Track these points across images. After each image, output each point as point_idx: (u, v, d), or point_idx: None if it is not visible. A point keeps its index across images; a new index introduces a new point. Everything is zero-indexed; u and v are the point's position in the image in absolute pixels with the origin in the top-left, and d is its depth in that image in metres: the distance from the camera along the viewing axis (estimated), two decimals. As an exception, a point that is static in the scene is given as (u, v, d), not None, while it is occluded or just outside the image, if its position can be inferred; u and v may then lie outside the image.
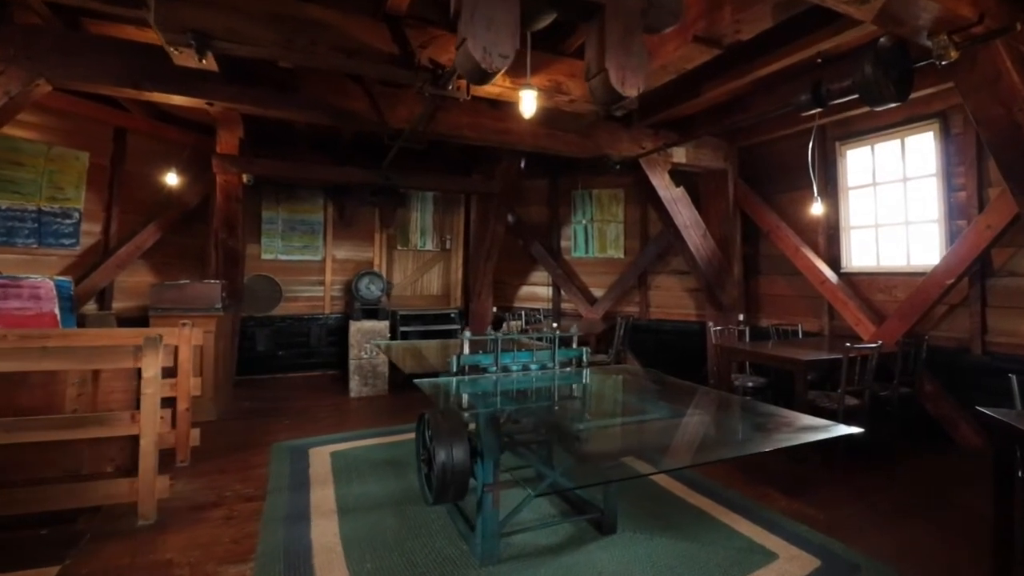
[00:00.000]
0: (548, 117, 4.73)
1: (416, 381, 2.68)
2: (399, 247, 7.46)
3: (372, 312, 6.03)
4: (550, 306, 7.60)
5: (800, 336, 5.26)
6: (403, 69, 3.01)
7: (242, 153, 5.09)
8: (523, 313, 6.78)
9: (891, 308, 4.70)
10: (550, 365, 3.02)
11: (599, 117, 4.43)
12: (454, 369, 2.81)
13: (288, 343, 6.90)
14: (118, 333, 3.45)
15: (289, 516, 2.98)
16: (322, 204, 6.94)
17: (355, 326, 5.77)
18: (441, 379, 2.82)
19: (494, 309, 7.41)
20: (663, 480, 3.41)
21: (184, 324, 3.82)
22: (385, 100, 4.19)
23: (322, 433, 4.56)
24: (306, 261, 6.95)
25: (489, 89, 3.46)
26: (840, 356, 3.77)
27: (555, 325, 6.25)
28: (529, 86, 3.00)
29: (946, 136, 4.41)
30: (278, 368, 6.83)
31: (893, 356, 4.11)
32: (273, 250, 6.78)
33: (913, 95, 4.36)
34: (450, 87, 3.10)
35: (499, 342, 2.89)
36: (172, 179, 5.11)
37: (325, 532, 2.79)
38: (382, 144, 6.44)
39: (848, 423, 3.98)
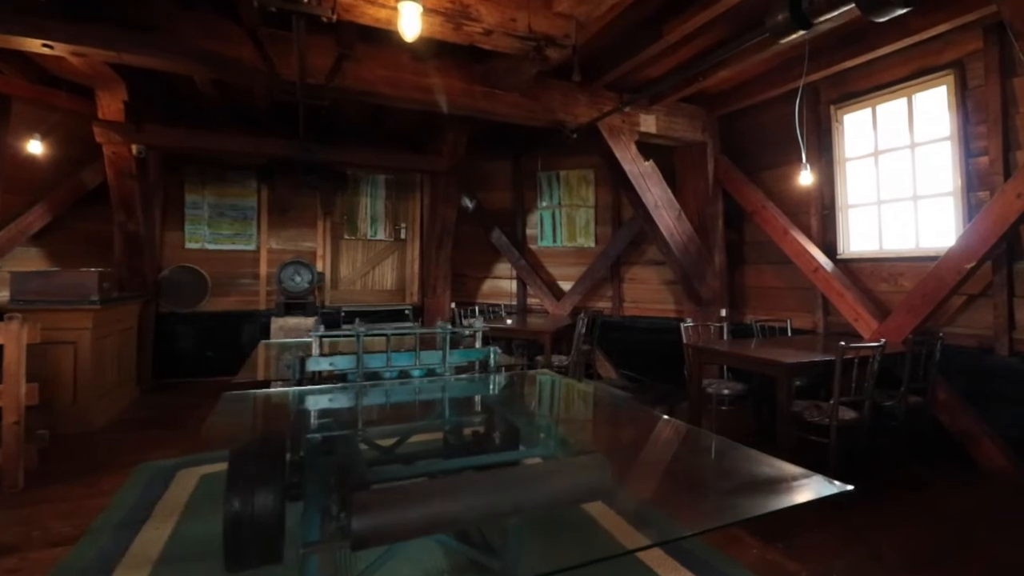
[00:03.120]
0: (484, 72, 3.97)
1: (227, 394, 1.92)
2: (346, 236, 6.70)
3: (298, 306, 5.28)
4: (515, 302, 6.82)
5: (789, 334, 4.47)
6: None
7: (129, 119, 4.33)
8: (476, 309, 6.01)
9: (897, 300, 3.92)
10: (441, 370, 2.25)
11: (541, 70, 3.66)
12: (295, 376, 2.04)
13: (217, 342, 6.14)
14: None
15: (88, 570, 2.23)
16: (255, 187, 6.19)
17: (277, 323, 5.03)
18: (274, 391, 2.06)
19: (453, 305, 6.65)
20: (600, 515, 2.64)
21: (12, 318, 3.08)
22: (276, 46, 3.43)
23: (214, 448, 3.80)
24: (237, 251, 6.20)
25: (374, 13, 2.69)
26: (833, 358, 2.99)
27: (509, 321, 5.51)
28: (414, -1, 2.25)
29: (963, 90, 3.63)
30: (205, 370, 6.07)
31: (899, 358, 3.33)
32: (199, 238, 6.03)
33: (923, 40, 3.59)
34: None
35: (360, 340, 2.12)
36: (36, 147, 4.35)
37: (116, 600, 2.03)
38: (324, 118, 5.74)
39: (843, 440, 3.22)
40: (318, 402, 1.93)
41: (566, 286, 6.52)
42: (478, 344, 2.42)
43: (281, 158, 5.53)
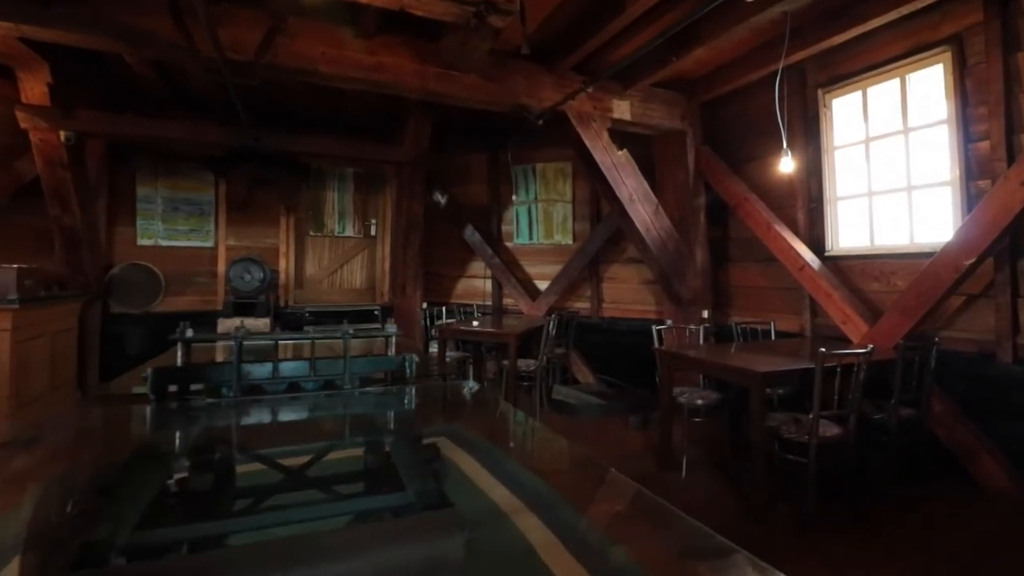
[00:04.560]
0: (437, 51, 3.63)
1: (55, 415, 1.58)
2: (312, 233, 6.36)
3: (249, 307, 4.94)
4: (490, 302, 6.48)
5: (773, 337, 4.13)
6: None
7: (55, 104, 3.99)
8: (444, 310, 5.67)
9: (889, 301, 3.57)
10: (341, 381, 1.90)
11: (500, 50, 3.33)
12: (152, 392, 1.70)
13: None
14: None
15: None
16: (212, 180, 5.85)
17: (225, 324, 4.69)
18: (121, 408, 1.72)
19: (424, 305, 6.31)
20: (536, 537, 2.29)
21: None
22: (198, 19, 3.09)
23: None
24: (193, 248, 5.86)
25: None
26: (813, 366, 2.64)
27: (475, 323, 5.16)
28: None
29: (961, 68, 3.28)
30: (159, 375, 5.72)
31: (891, 365, 2.98)
32: (152, 234, 5.69)
33: (916, 12, 3.24)
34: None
35: (239, 346, 1.77)
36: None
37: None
38: (279, 106, 5.40)
39: (825, 459, 2.85)
40: (169, 423, 1.60)
41: (543, 286, 6.17)
42: (391, 351, 2.08)
43: (236, 148, 5.20)
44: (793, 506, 2.83)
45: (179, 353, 1.80)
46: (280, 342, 2.63)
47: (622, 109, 4.35)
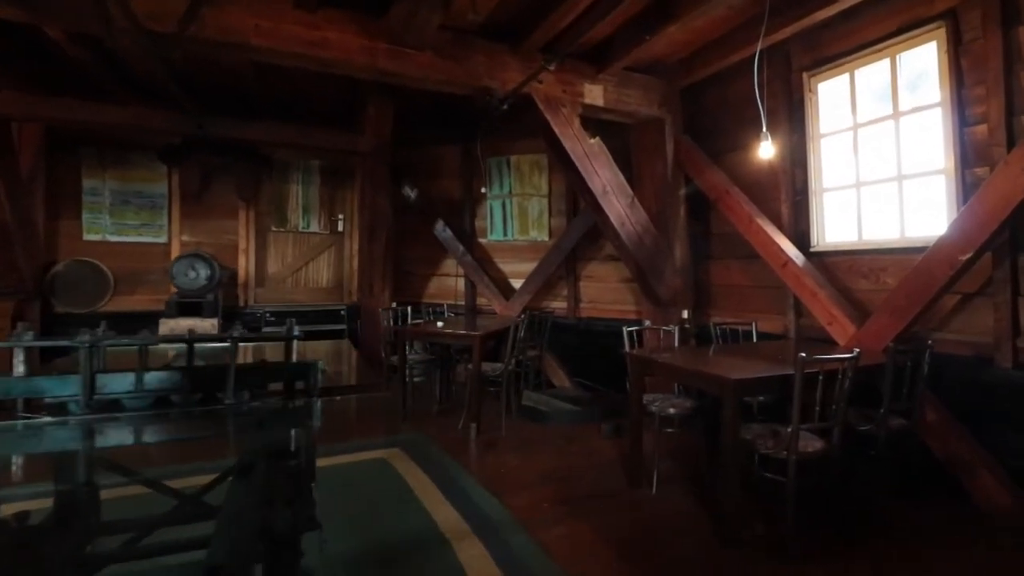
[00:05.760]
0: (387, 27, 3.31)
1: None
2: (274, 228, 6.03)
3: (194, 307, 4.59)
4: (464, 301, 6.17)
5: (754, 338, 3.85)
6: None
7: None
8: (409, 310, 5.34)
9: (878, 300, 3.29)
10: (223, 395, 1.58)
11: (455, 26, 3.02)
12: (-25, 408, 1.38)
13: (122, 347, 5.44)
14: None
15: None
16: (165, 171, 5.51)
17: (167, 325, 4.35)
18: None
19: (394, 305, 5.98)
20: (477, 569, 1.98)
21: None
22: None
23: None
24: (145, 244, 5.52)
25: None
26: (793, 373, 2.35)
27: (440, 324, 4.84)
28: None
29: (957, 46, 3.00)
30: (107, 379, 5.37)
31: (880, 370, 2.70)
32: (99, 229, 5.34)
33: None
34: None
35: (95, 352, 1.45)
36: None
37: None
38: (233, 92, 5.07)
39: (807, 476, 2.57)
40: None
41: (518, 284, 5.86)
42: (293, 355, 1.76)
43: (189, 136, 4.86)
44: (770, 527, 2.54)
45: (15, 360, 1.48)
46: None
47: (594, 94, 4.05)
